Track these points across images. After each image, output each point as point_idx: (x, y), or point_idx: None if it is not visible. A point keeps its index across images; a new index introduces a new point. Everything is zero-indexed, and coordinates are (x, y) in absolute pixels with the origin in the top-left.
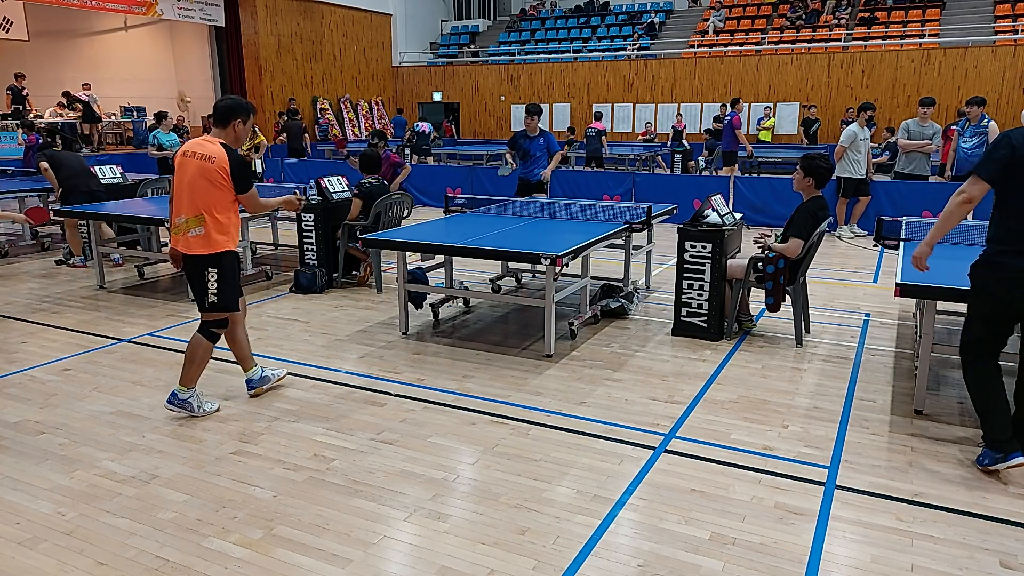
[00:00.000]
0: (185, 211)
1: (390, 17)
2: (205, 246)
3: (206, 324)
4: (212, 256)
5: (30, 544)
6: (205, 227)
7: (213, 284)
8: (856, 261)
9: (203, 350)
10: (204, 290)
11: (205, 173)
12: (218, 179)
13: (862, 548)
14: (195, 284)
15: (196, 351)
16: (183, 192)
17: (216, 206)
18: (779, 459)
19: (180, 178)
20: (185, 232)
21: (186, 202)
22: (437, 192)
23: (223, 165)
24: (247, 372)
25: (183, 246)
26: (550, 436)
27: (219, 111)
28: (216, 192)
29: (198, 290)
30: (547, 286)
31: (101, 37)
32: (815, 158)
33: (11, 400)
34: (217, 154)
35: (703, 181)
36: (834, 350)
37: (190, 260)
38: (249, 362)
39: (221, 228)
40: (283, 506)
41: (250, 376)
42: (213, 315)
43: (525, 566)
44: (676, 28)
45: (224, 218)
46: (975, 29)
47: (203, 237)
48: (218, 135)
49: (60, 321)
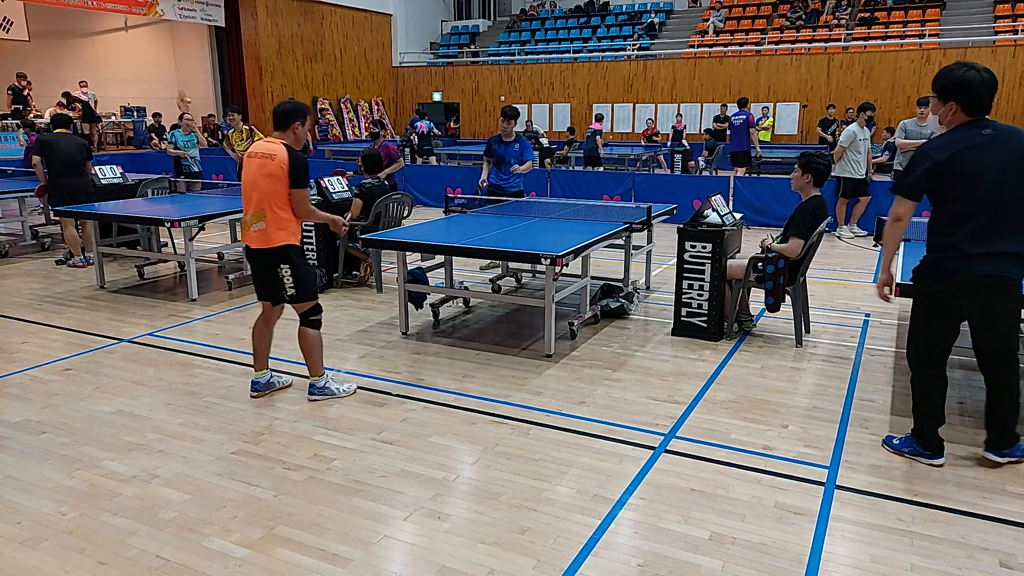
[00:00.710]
0: (251, 207)
1: (390, 17)
2: (265, 240)
3: (304, 315)
4: (278, 251)
5: (31, 543)
6: (266, 222)
7: (288, 279)
8: (856, 261)
9: (314, 339)
10: (280, 285)
11: (265, 169)
12: (277, 174)
13: (862, 548)
14: (267, 279)
15: (308, 342)
16: (247, 189)
17: (275, 201)
18: (779, 459)
19: (245, 177)
20: (250, 227)
21: (249, 199)
22: (437, 192)
23: (282, 162)
24: (257, 372)
25: (248, 240)
26: (550, 436)
27: (279, 115)
28: (275, 186)
29: (272, 285)
30: (547, 286)
31: (101, 37)
32: (813, 156)
33: (12, 400)
34: (277, 152)
35: (703, 181)
36: (834, 350)
37: (258, 255)
38: (263, 363)
39: (281, 223)
40: (283, 506)
41: (258, 378)
42: (302, 306)
43: (525, 565)
44: (676, 28)
45: (284, 213)
46: (975, 29)
47: (263, 232)
48: (280, 137)
49: (61, 321)
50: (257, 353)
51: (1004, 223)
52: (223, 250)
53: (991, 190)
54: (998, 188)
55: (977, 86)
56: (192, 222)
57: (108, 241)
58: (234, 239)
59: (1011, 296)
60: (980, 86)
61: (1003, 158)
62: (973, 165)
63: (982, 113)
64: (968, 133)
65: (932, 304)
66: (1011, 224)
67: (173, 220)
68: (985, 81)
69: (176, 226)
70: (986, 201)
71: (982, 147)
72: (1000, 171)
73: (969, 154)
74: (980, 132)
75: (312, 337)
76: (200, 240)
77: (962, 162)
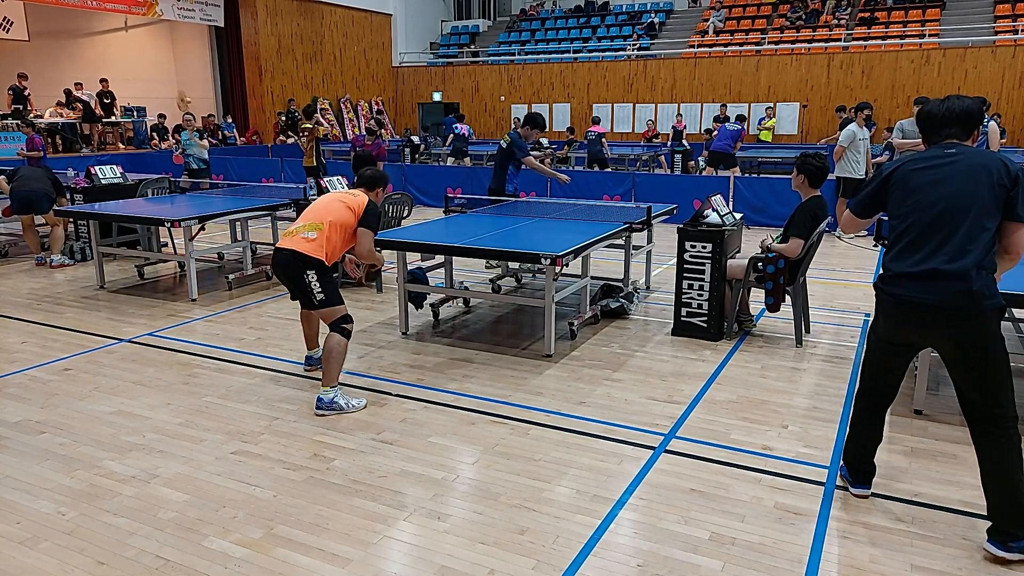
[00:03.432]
0: (310, 219)
1: (390, 17)
2: (310, 248)
3: (336, 323)
4: (311, 260)
5: (30, 543)
6: (319, 234)
7: (315, 284)
8: (856, 261)
9: (340, 347)
10: (308, 290)
11: (345, 201)
12: (354, 210)
13: (862, 548)
14: (296, 284)
15: (334, 349)
16: (318, 208)
17: (337, 226)
18: (779, 459)
19: (319, 201)
20: (299, 233)
21: (315, 214)
22: (437, 192)
23: (362, 202)
24: (309, 351)
25: (288, 243)
26: (550, 436)
27: (367, 179)
28: (346, 217)
29: (301, 291)
30: (547, 286)
31: (101, 37)
32: (807, 156)
33: (11, 400)
34: (361, 196)
35: (703, 181)
36: (834, 350)
37: (291, 258)
38: (313, 343)
39: (329, 244)
40: (283, 506)
41: (311, 354)
42: (331, 313)
43: (525, 566)
44: (676, 28)
45: (335, 237)
46: (975, 29)
47: (313, 241)
48: (365, 193)
49: (60, 321)
50: (307, 336)
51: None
52: (223, 250)
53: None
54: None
55: (933, 115)
56: (192, 222)
57: (108, 241)
58: (234, 239)
59: None
60: (935, 115)
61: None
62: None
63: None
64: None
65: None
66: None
67: (173, 220)
68: (944, 110)
69: (176, 226)
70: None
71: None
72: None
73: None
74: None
75: (336, 343)
76: (200, 240)
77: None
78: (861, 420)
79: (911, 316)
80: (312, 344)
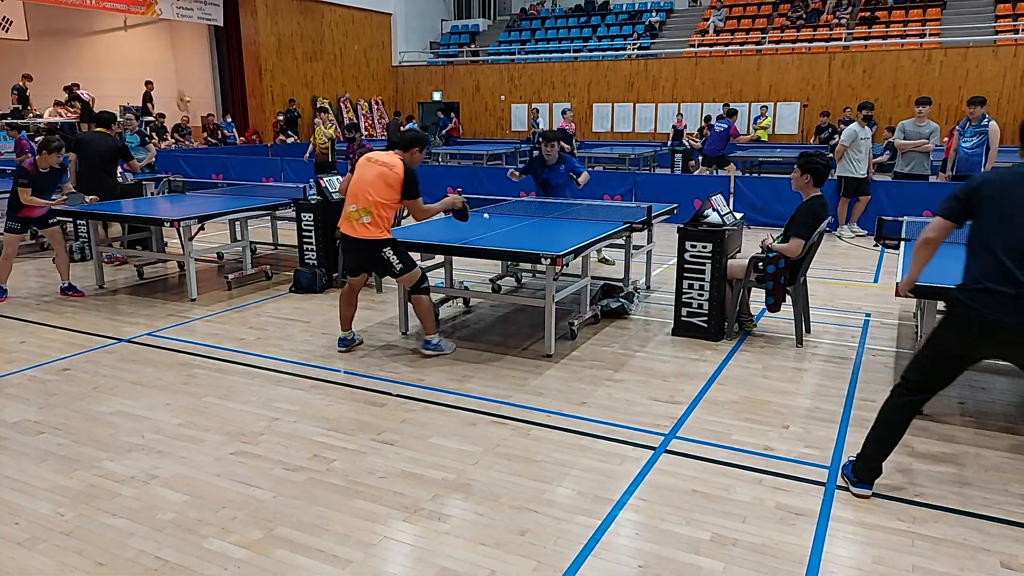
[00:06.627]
0: (358, 203)
1: (390, 16)
2: (373, 233)
3: (414, 287)
4: (384, 241)
5: (29, 544)
6: (372, 217)
7: (394, 259)
8: (857, 261)
9: (426, 304)
10: (389, 265)
11: (384, 177)
12: (393, 184)
13: (863, 549)
14: (375, 263)
15: (421, 307)
16: (360, 187)
17: (384, 203)
18: (780, 459)
19: (360, 176)
20: (356, 219)
21: (360, 195)
22: (437, 192)
23: (399, 174)
24: (343, 332)
25: (349, 230)
26: (551, 436)
27: (405, 140)
28: (389, 192)
29: (381, 266)
30: (547, 286)
31: (101, 37)
32: (812, 156)
33: (11, 400)
34: (396, 164)
35: (703, 181)
36: (835, 350)
37: (363, 244)
38: (347, 325)
39: (383, 220)
40: (283, 506)
41: (344, 336)
42: (410, 278)
43: (525, 567)
44: (676, 28)
45: (386, 213)
46: (976, 29)
47: (371, 225)
48: (399, 155)
49: (60, 321)
50: (343, 317)
51: None
52: (223, 250)
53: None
54: None
55: None
56: (192, 222)
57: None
58: (233, 239)
59: None
60: None
61: None
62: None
63: None
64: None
65: (958, 330)
66: None
67: (173, 220)
68: None
69: (176, 226)
70: None
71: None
72: None
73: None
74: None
75: (424, 302)
76: (200, 240)
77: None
78: (898, 414)
79: (996, 333)
80: (346, 325)
